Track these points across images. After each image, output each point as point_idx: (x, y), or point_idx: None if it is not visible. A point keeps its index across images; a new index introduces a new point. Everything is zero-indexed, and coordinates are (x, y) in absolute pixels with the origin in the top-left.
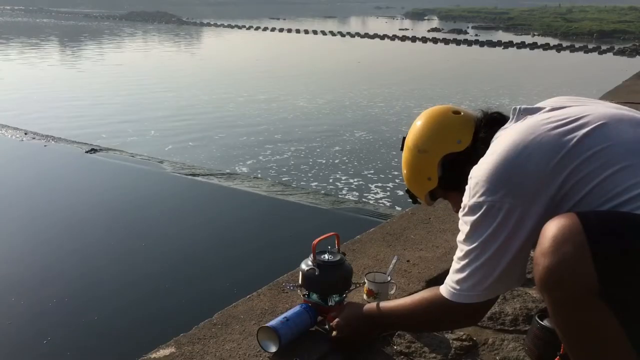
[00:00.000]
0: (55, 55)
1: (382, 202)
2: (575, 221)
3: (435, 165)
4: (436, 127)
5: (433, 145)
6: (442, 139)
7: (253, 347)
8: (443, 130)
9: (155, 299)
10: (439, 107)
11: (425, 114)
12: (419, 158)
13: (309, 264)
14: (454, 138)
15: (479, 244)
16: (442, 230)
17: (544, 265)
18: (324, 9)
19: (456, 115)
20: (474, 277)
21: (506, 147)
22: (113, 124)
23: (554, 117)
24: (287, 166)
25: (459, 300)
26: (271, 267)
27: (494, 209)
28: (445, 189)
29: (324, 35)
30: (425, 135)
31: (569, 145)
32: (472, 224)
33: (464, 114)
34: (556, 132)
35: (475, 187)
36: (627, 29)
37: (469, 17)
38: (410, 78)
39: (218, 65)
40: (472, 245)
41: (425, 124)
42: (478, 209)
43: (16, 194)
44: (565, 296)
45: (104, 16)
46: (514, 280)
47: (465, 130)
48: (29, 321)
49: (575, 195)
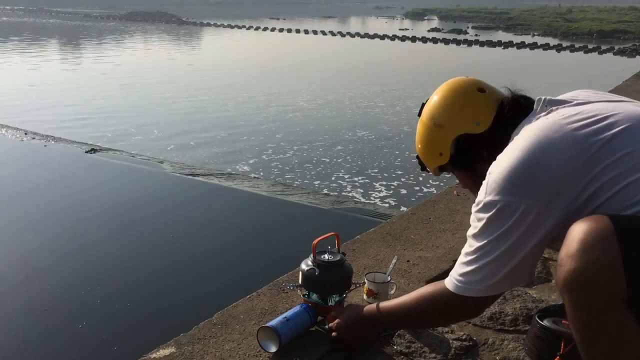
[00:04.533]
0: (55, 55)
1: (387, 200)
2: (607, 225)
3: (449, 142)
4: (457, 102)
5: (450, 122)
6: (460, 117)
7: (253, 347)
8: (463, 108)
9: (156, 298)
10: (465, 79)
11: (449, 85)
12: (433, 131)
13: (309, 264)
14: (473, 118)
15: (490, 241)
16: (442, 230)
17: (571, 268)
18: (324, 9)
19: (480, 93)
20: (482, 272)
21: (529, 145)
22: (113, 124)
23: (580, 114)
24: (290, 165)
25: (465, 293)
26: (271, 267)
27: (510, 208)
28: (456, 167)
29: (324, 35)
30: (443, 108)
31: (595, 148)
32: (486, 220)
33: (488, 93)
34: (582, 132)
35: (492, 185)
36: (627, 29)
37: (469, 17)
38: (411, 78)
39: (218, 65)
40: (483, 241)
41: (446, 96)
42: (493, 207)
43: (16, 194)
44: (589, 300)
45: (104, 16)
46: (522, 279)
47: (486, 111)
48: (29, 321)
49: (597, 199)
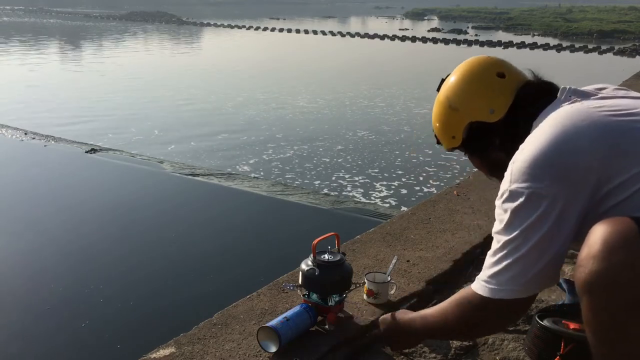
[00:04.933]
0: (56, 55)
1: (387, 200)
2: (630, 227)
3: (462, 126)
4: (473, 87)
5: (464, 106)
6: (474, 103)
7: (253, 347)
8: (479, 94)
9: (156, 299)
10: (485, 61)
11: (469, 66)
12: (448, 113)
13: (309, 264)
14: (487, 106)
15: (520, 234)
16: (442, 230)
17: (593, 269)
18: (324, 9)
19: (499, 79)
20: (514, 269)
21: (554, 132)
22: (113, 124)
23: (606, 106)
24: (290, 165)
25: (497, 296)
26: (271, 267)
27: (537, 196)
28: (467, 151)
29: (324, 35)
30: (459, 92)
31: (623, 138)
32: (512, 211)
33: (508, 78)
34: (609, 122)
35: (517, 173)
36: (627, 29)
37: (469, 17)
38: (411, 78)
39: (218, 65)
40: (512, 234)
41: (463, 79)
42: (520, 196)
43: (16, 194)
44: (610, 301)
45: (104, 16)
46: (553, 278)
47: (502, 99)
48: (29, 321)
49: (619, 194)
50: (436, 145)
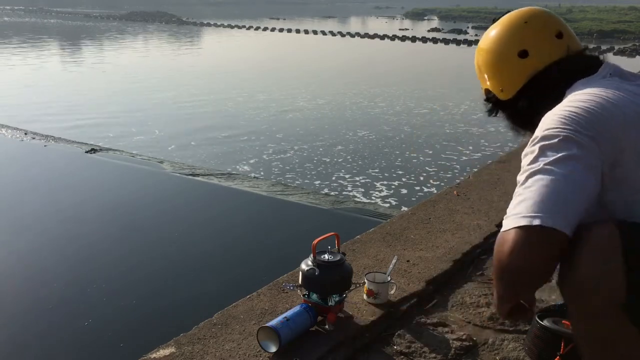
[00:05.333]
0: (56, 55)
1: (388, 200)
2: (614, 233)
3: (483, 86)
4: (492, 61)
5: (483, 73)
6: (487, 76)
7: (253, 347)
8: (494, 69)
9: (156, 299)
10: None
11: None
12: (476, 66)
13: (309, 264)
14: (500, 84)
15: (552, 163)
16: (442, 230)
17: (575, 273)
18: (324, 9)
19: (520, 59)
20: (549, 196)
21: (587, 97)
22: (113, 123)
23: None
24: (290, 165)
25: (535, 222)
26: (271, 267)
27: (572, 140)
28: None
29: (324, 35)
30: (483, 59)
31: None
32: (543, 147)
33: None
34: None
35: (553, 122)
36: (627, 29)
37: (469, 17)
38: (411, 78)
39: (218, 65)
40: (540, 166)
41: (490, 55)
42: (553, 138)
43: (16, 194)
44: (591, 306)
45: (104, 16)
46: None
47: (515, 79)
48: (29, 321)
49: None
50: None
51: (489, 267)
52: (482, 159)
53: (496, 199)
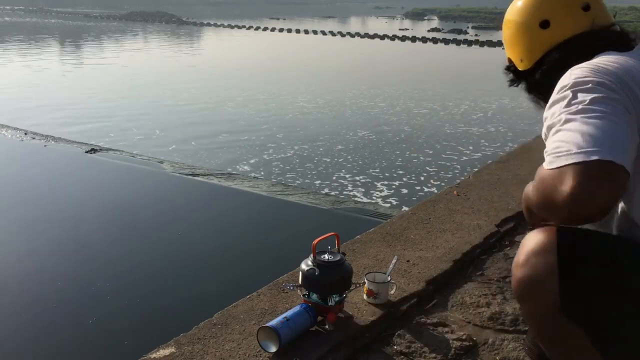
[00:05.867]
0: (56, 55)
1: (388, 200)
2: (552, 239)
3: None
4: (513, 29)
5: (506, 41)
6: (507, 45)
7: (253, 347)
8: (515, 38)
9: (155, 299)
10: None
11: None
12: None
13: (309, 264)
14: (519, 54)
15: (590, 103)
16: (442, 230)
17: (517, 277)
18: (324, 9)
19: (541, 29)
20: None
21: (613, 61)
22: (113, 123)
23: None
24: (290, 164)
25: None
26: (271, 267)
27: (606, 85)
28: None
29: (324, 35)
30: (507, 28)
31: None
32: (577, 91)
33: (551, 29)
34: None
35: (581, 72)
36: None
37: (469, 17)
38: (411, 78)
39: (218, 65)
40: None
41: (512, 24)
42: (586, 83)
43: (16, 194)
44: (534, 308)
45: (104, 16)
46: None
47: (534, 49)
48: (29, 321)
49: None
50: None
51: (489, 267)
52: (482, 159)
53: (496, 199)
